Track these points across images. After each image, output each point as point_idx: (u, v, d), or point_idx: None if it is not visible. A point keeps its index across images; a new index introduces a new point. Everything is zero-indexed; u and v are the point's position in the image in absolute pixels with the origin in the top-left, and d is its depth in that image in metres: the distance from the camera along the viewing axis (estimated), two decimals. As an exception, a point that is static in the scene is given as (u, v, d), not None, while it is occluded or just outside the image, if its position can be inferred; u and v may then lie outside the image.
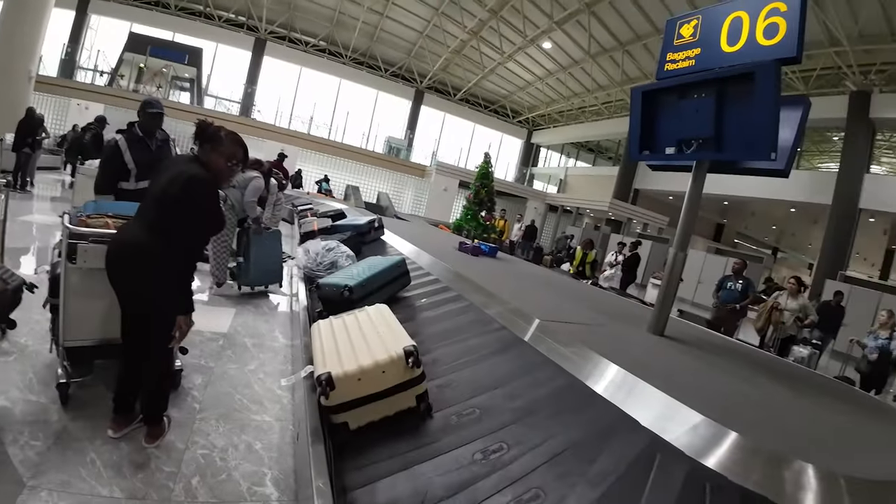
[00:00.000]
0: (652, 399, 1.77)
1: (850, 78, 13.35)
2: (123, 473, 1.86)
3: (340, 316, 2.69)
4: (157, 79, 18.56)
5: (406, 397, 2.05)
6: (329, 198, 13.80)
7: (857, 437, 1.95)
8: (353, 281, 3.30)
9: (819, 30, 12.37)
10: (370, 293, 3.35)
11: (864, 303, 10.53)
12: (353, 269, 3.70)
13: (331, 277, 3.62)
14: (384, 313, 2.62)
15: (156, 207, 2.00)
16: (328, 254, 4.59)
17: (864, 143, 13.45)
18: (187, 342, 2.89)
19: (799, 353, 6.22)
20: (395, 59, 23.58)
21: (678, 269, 3.10)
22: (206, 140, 2.10)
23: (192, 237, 2.04)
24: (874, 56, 12.66)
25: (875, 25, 11.78)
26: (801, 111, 2.66)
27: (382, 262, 3.74)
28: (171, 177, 2.00)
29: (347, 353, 2.13)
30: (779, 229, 24.04)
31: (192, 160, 2.08)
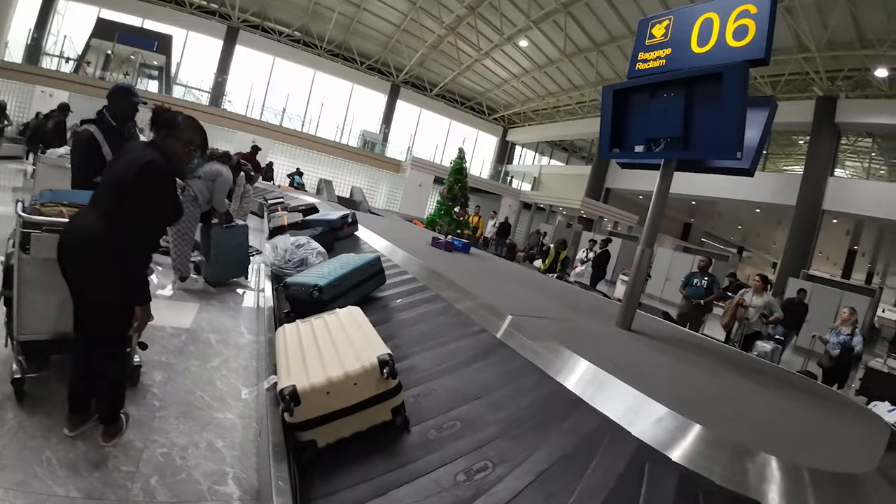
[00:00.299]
0: (620, 393, 1.80)
1: (818, 83, 13.86)
2: (80, 472, 1.79)
3: (308, 319, 2.52)
4: (125, 66, 17.88)
5: (380, 410, 1.89)
6: (301, 192, 13.55)
7: (821, 431, 2.00)
8: (324, 280, 3.12)
9: (789, 36, 12.79)
10: (342, 293, 3.19)
11: (826, 300, 10.99)
12: (324, 268, 3.50)
13: (299, 276, 3.43)
14: (356, 316, 2.46)
15: (110, 195, 1.90)
16: (298, 251, 4.38)
17: (828, 147, 14.01)
18: (147, 338, 2.80)
19: (762, 348, 6.43)
20: (372, 53, 23.32)
21: (645, 265, 3.16)
22: (162, 125, 2.03)
23: (147, 226, 1.96)
24: (841, 62, 13.17)
25: (844, 33, 12.22)
26: (768, 112, 2.73)
27: (355, 261, 3.56)
28: (126, 163, 1.91)
29: (315, 363, 1.97)
30: (744, 229, 24.83)
31: (149, 146, 2.00)
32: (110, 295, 1.90)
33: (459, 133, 27.22)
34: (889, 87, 12.85)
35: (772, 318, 6.97)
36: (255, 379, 2.86)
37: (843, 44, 12.57)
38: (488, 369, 2.24)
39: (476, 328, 2.68)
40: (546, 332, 2.43)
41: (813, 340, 7.25)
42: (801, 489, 1.32)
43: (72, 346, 2.08)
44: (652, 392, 1.75)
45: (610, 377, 1.90)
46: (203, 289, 4.45)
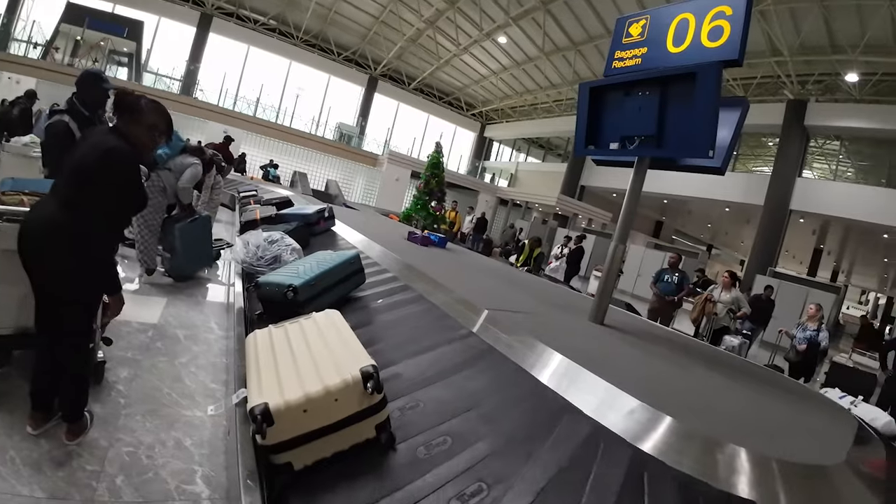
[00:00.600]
0: (593, 386, 1.82)
1: (789, 87, 14.32)
2: (44, 472, 1.73)
3: (282, 324, 2.31)
4: (94, 52, 17.20)
5: (364, 428, 1.71)
6: (276, 185, 13.30)
7: (789, 423, 2.07)
8: (299, 280, 2.92)
9: (762, 40, 13.16)
10: (318, 294, 2.99)
11: (792, 297, 11.43)
12: (299, 266, 3.27)
13: (272, 275, 3.21)
14: (335, 321, 2.27)
15: (71, 182, 1.82)
16: (271, 247, 4.13)
17: (797, 149, 14.54)
18: (113, 333, 2.71)
19: (730, 343, 6.62)
20: (349, 44, 23.02)
21: (618, 261, 3.22)
22: (124, 110, 1.95)
23: (109, 214, 1.88)
24: (813, 67, 13.64)
25: (816, 38, 12.65)
26: (740, 112, 2.80)
27: (333, 258, 3.37)
28: (88, 149, 1.83)
29: (290, 376, 1.79)
30: (714, 227, 25.53)
31: (111, 132, 1.92)
32: (71, 286, 1.83)
33: (437, 128, 27.15)
34: (858, 92, 13.37)
35: (739, 314, 7.19)
36: (225, 375, 2.79)
37: (815, 48, 13.01)
38: (477, 377, 2.12)
39: (463, 331, 2.55)
40: (521, 327, 2.44)
41: (780, 335, 7.50)
42: (771, 480, 1.35)
43: (34, 342, 2.01)
44: (624, 385, 1.78)
45: (583, 370, 1.92)
46: (171, 283, 4.32)
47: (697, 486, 1.35)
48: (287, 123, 21.14)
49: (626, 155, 3.05)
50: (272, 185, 12.23)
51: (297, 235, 4.78)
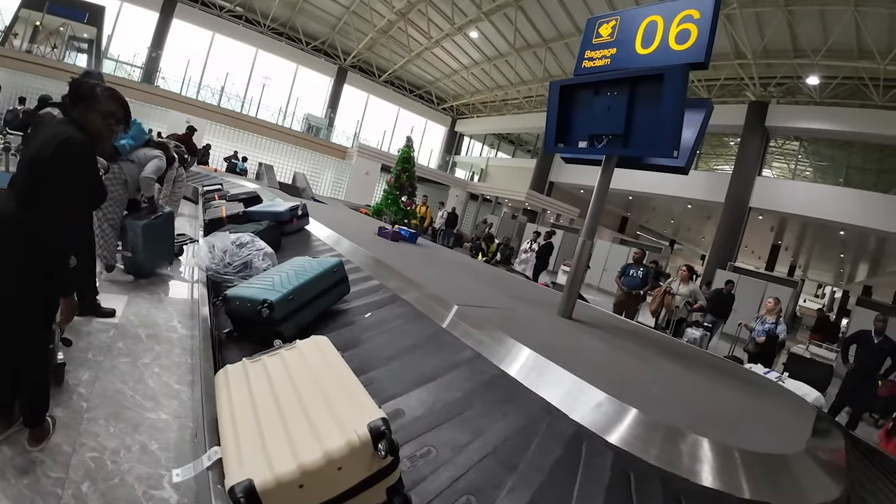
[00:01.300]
0: (560, 379, 1.86)
1: (751, 89, 14.84)
2: (7, 479, 1.66)
3: (259, 357, 1.89)
4: (53, 38, 16.30)
5: (373, 493, 1.39)
6: (242, 178, 12.96)
7: (750, 413, 2.16)
8: (275, 294, 2.58)
9: (727, 42, 13.59)
10: (297, 309, 2.67)
11: (751, 291, 11.93)
12: (274, 276, 2.90)
13: (243, 287, 2.83)
14: (326, 352, 1.89)
15: (26, 176, 1.74)
16: (240, 251, 3.70)
17: (757, 149, 15.11)
18: (72, 333, 2.61)
19: (692, 335, 6.88)
20: (318, 34, 22.55)
21: (585, 256, 3.29)
22: (80, 99, 1.87)
23: (67, 208, 1.79)
24: (775, 70, 14.16)
25: (779, 41, 13.13)
26: (704, 113, 2.90)
27: (313, 267, 3.01)
28: (43, 141, 1.74)
29: (277, 436, 1.42)
30: (676, 223, 26.31)
31: (67, 122, 1.84)
32: (25, 287, 1.75)
33: (408, 121, 26.98)
34: (819, 95, 13.97)
35: (696, 306, 7.47)
36: (190, 376, 2.72)
37: (777, 52, 13.52)
38: (491, 412, 1.84)
39: (468, 353, 2.27)
40: (490, 322, 2.47)
41: (739, 328, 7.82)
42: (733, 469, 1.42)
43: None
44: (592, 378, 1.83)
45: (551, 364, 1.96)
46: (131, 280, 4.17)
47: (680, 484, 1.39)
48: (253, 114, 20.57)
49: (595, 153, 3.12)
50: (238, 178, 11.91)
51: (268, 237, 4.39)
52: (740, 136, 15.50)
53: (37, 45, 15.67)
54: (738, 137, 15.69)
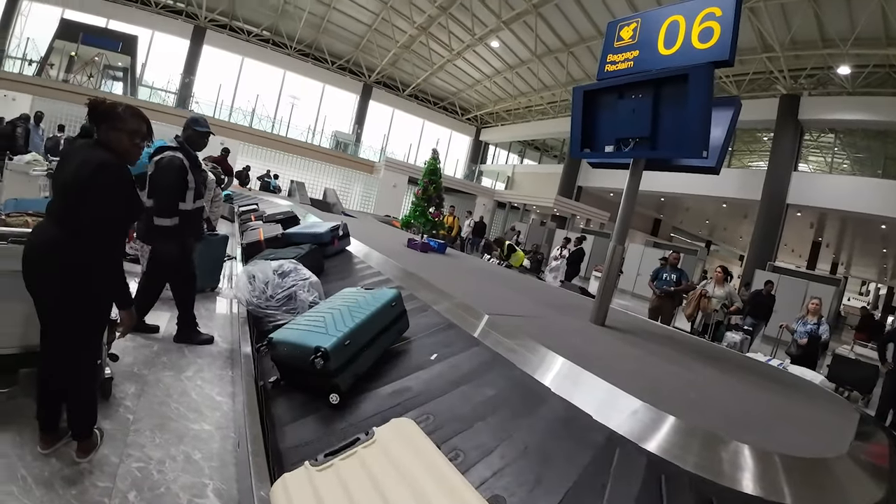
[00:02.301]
0: (595, 387, 1.84)
1: (781, 82, 14.41)
2: (56, 490, 1.74)
3: (330, 463, 1.43)
4: (89, 68, 17.29)
5: None
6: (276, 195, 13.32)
7: (791, 417, 2.08)
8: (329, 338, 2.19)
9: (753, 36, 13.26)
10: (354, 356, 2.26)
11: (792, 291, 11.46)
12: (325, 314, 2.49)
13: (291, 329, 2.42)
14: (414, 442, 1.48)
15: (64, 202, 1.83)
16: (283, 281, 3.36)
17: (791, 144, 14.61)
18: (118, 348, 2.73)
19: (732, 339, 6.66)
20: (343, 52, 23.11)
21: (617, 262, 3.24)
22: (102, 119, 1.91)
23: (108, 229, 1.87)
24: (804, 61, 13.71)
25: (806, 32, 12.74)
26: (732, 111, 2.84)
27: (368, 301, 2.61)
28: (77, 167, 1.82)
29: None
30: (711, 223, 25.60)
31: (94, 145, 1.90)
32: (74, 306, 1.84)
33: (433, 133, 27.25)
34: (851, 85, 13.44)
35: (732, 309, 7.23)
36: (231, 388, 2.81)
37: (805, 43, 13.11)
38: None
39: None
40: (521, 330, 2.46)
41: (781, 330, 7.52)
42: (774, 475, 1.37)
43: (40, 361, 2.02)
44: (626, 385, 1.80)
45: (584, 372, 1.93)
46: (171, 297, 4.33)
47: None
48: (283, 133, 21.21)
49: (622, 157, 3.08)
50: (272, 197, 12.25)
51: (310, 261, 4.09)
52: (773, 130, 15.03)
53: (73, 75, 16.62)
54: (772, 132, 15.22)
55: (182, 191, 3.19)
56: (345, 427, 1.99)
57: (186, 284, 3.40)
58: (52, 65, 16.89)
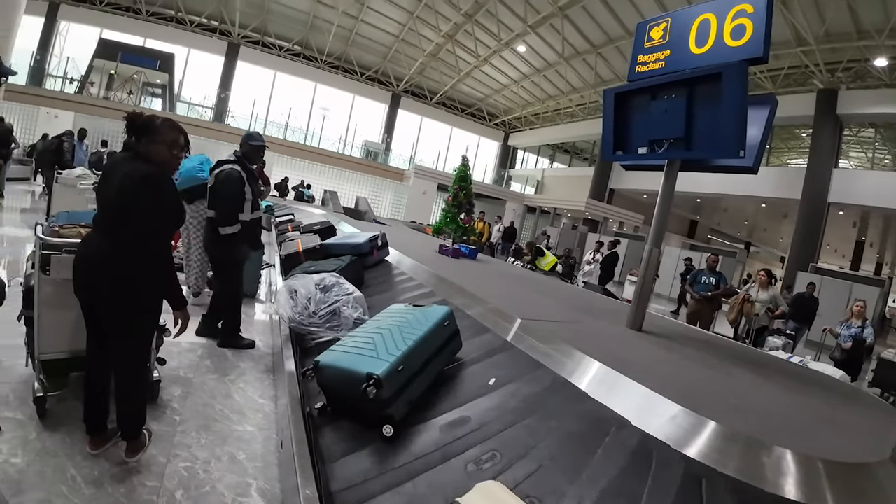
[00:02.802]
0: (632, 392, 1.81)
1: (818, 76, 13.86)
2: (105, 489, 1.82)
3: None
4: (128, 85, 18.19)
5: None
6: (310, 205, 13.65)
7: (833, 422, 2.01)
8: (381, 363, 2.01)
9: (786, 30, 12.82)
10: (408, 382, 2.08)
11: (836, 293, 10.94)
12: (374, 334, 2.31)
13: (338, 352, 2.22)
14: None
15: (111, 215, 1.92)
16: (326, 296, 3.23)
17: (831, 139, 13.99)
18: (165, 353, 2.85)
19: (774, 344, 6.41)
20: (371, 63, 23.52)
21: (654, 265, 3.17)
22: (141, 132, 1.99)
23: (156, 236, 1.97)
24: (840, 54, 13.16)
25: (841, 24, 12.25)
26: (769, 109, 2.75)
27: (419, 319, 2.44)
28: (120, 179, 1.90)
29: None
30: (751, 224, 24.76)
31: (134, 158, 1.98)
32: (125, 312, 1.94)
33: (461, 140, 27.36)
34: (889, 77, 12.83)
35: (777, 313, 6.96)
36: (272, 391, 2.89)
37: (840, 35, 12.60)
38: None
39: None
40: (556, 335, 2.44)
41: (824, 334, 7.21)
42: (816, 480, 1.33)
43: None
44: (663, 389, 1.77)
45: (621, 376, 1.91)
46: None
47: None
48: (315, 144, 21.74)
49: (656, 158, 3.03)
50: (306, 206, 12.54)
51: (351, 274, 3.99)
52: (811, 126, 14.44)
53: (113, 92, 17.46)
54: (810, 128, 14.62)
55: (240, 202, 3.35)
56: (402, 466, 1.82)
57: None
58: (93, 83, 17.80)
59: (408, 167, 22.83)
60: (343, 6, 18.75)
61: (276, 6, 19.82)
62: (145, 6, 19.24)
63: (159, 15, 19.77)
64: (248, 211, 3.42)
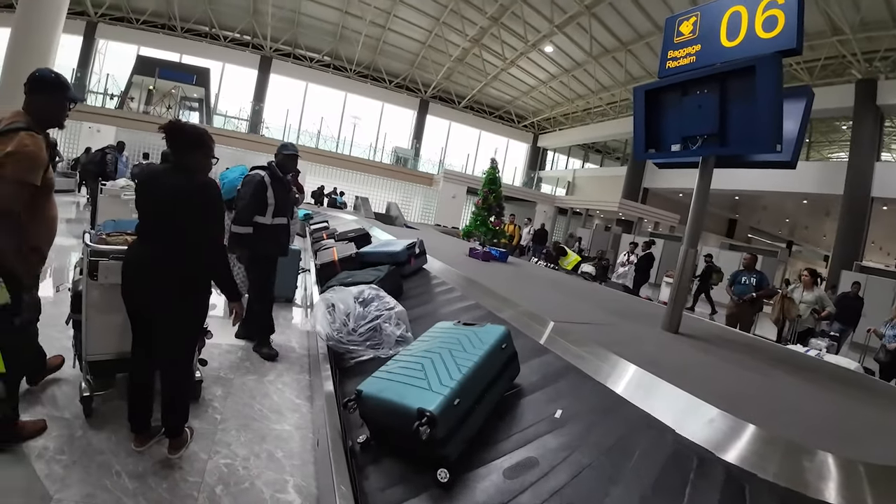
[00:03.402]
0: (669, 395, 1.78)
1: (855, 66, 13.25)
2: (149, 484, 1.90)
3: None
4: (167, 100, 18.99)
5: None
6: (343, 211, 13.91)
7: (877, 425, 1.93)
8: (434, 397, 1.76)
9: (821, 20, 12.32)
10: (465, 417, 1.83)
11: (882, 292, 10.37)
12: (422, 358, 2.07)
13: (384, 380, 1.97)
14: None
15: (170, 223, 2.02)
16: (365, 311, 3.03)
17: (872, 131, 13.32)
18: (207, 354, 2.96)
19: (816, 346, 6.13)
20: (399, 71, 23.81)
21: (690, 266, 3.10)
22: (194, 145, 2.11)
23: (220, 236, 2.15)
24: (877, 43, 12.57)
25: (877, 12, 11.73)
26: (805, 102, 2.67)
27: (472, 341, 2.18)
28: (176, 191, 2.01)
29: None
30: (792, 222, 23.78)
31: (179, 168, 2.09)
32: (186, 318, 2.08)
33: (489, 143, 27.32)
34: None
35: (823, 314, 6.66)
36: (308, 392, 2.97)
37: (876, 24, 12.07)
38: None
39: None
40: (589, 338, 2.41)
41: (868, 335, 6.86)
42: (858, 484, 1.29)
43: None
44: (701, 393, 1.73)
45: (657, 379, 1.88)
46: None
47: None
48: (347, 152, 22.12)
49: (690, 156, 2.97)
50: (339, 212, 12.78)
51: (389, 285, 3.82)
52: (851, 118, 13.74)
53: (152, 107, 18.24)
54: (850, 121, 13.91)
55: (260, 205, 3.41)
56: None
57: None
58: (133, 98, 18.63)
59: (437, 172, 22.95)
60: (370, 16, 19.07)
61: (306, 19, 20.35)
62: (180, 23, 20.09)
63: (194, 31, 20.64)
64: (269, 215, 3.47)
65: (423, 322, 3.23)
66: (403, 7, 18.66)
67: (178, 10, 19.58)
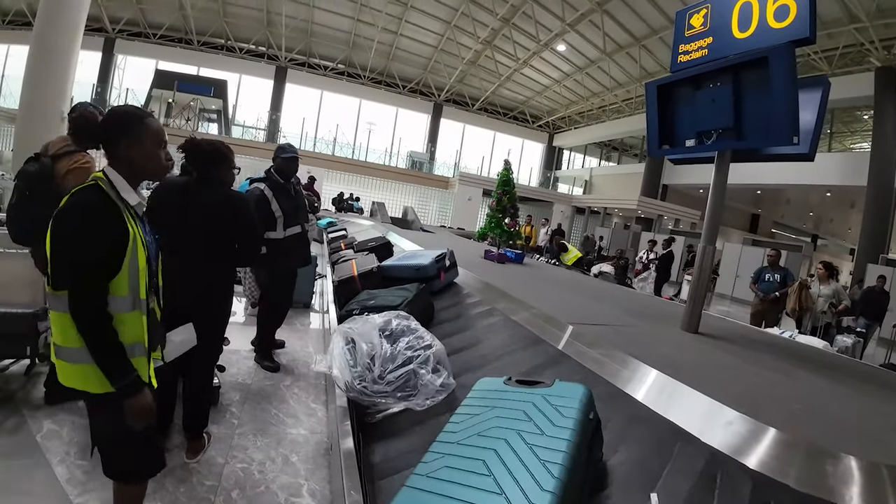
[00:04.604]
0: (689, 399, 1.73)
1: (874, 54, 12.87)
2: (166, 487, 1.93)
3: None
4: (186, 112, 19.41)
5: None
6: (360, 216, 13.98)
7: None
8: None
9: (836, 7, 12.04)
10: None
11: (908, 287, 9.99)
12: (478, 447, 1.41)
13: (430, 493, 1.28)
14: None
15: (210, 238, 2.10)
16: (394, 349, 2.33)
17: (894, 120, 12.88)
18: (225, 360, 3.01)
19: (843, 343, 5.95)
20: (412, 76, 23.95)
21: (708, 263, 3.03)
22: (218, 160, 2.21)
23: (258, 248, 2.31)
24: (895, 30, 12.22)
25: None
26: (821, 92, 2.59)
27: (547, 413, 1.49)
28: (209, 206, 2.09)
29: None
30: (816, 216, 23.16)
31: (208, 182, 2.17)
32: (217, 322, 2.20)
33: (504, 144, 27.28)
34: None
35: (840, 308, 6.47)
36: (324, 396, 2.99)
37: (893, 10, 11.72)
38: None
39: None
40: (606, 340, 2.37)
41: (894, 330, 6.62)
42: (881, 488, 1.24)
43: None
44: (722, 396, 1.68)
45: (676, 382, 1.83)
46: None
47: None
48: (362, 158, 22.34)
49: (705, 151, 2.91)
50: (356, 217, 12.87)
51: (419, 308, 3.15)
52: (872, 107, 13.32)
53: (172, 119, 18.64)
54: (871, 110, 13.49)
55: (266, 221, 3.15)
56: None
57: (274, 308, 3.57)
58: (153, 111, 18.98)
59: (452, 174, 22.98)
60: (382, 23, 19.24)
61: (319, 28, 20.64)
62: (196, 36, 20.59)
63: (210, 44, 21.12)
64: (281, 228, 3.23)
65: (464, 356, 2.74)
66: (415, 12, 18.78)
67: (194, 25, 20.06)
